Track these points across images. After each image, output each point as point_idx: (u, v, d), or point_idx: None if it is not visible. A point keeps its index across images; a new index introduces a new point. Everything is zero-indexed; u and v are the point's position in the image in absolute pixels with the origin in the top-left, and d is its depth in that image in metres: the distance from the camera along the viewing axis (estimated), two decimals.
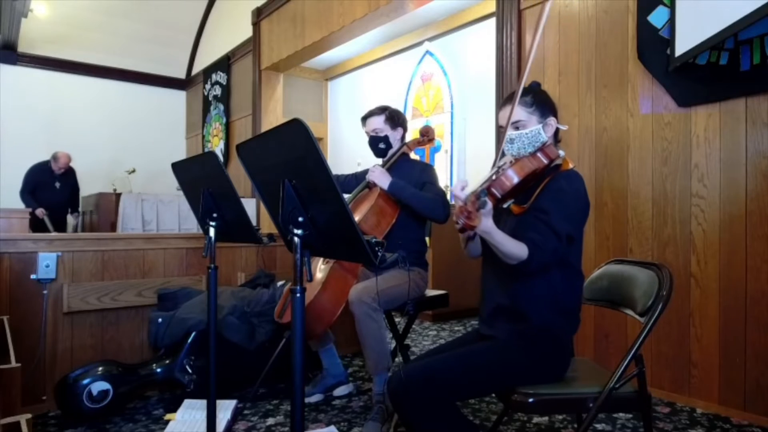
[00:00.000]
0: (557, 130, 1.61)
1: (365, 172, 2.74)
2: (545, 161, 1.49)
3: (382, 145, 2.56)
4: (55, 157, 5.89)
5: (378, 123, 2.55)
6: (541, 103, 1.58)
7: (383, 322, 2.26)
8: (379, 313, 2.22)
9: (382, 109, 2.58)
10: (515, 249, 1.37)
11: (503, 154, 1.57)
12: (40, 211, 5.65)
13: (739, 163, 2.35)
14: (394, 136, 2.57)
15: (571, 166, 1.55)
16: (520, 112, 1.55)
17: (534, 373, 1.46)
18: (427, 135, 2.63)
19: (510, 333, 1.52)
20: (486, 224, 1.32)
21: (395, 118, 2.57)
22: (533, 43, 1.43)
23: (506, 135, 1.54)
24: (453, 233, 1.72)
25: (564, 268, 1.51)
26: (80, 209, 6.21)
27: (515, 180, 1.43)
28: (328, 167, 1.02)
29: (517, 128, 1.55)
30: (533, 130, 1.54)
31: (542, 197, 1.47)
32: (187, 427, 2.19)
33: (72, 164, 6.04)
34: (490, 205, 1.32)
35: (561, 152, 1.54)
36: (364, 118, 2.61)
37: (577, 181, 1.51)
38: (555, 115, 1.59)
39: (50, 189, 5.91)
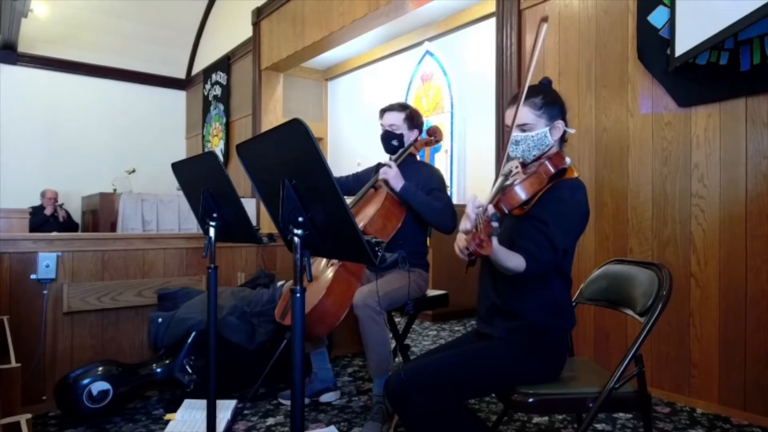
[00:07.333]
0: (564, 132, 1.57)
1: (366, 172, 2.73)
2: (552, 170, 1.46)
3: (395, 142, 2.52)
4: (42, 193, 6.49)
5: (396, 119, 2.52)
6: (551, 104, 1.53)
7: (385, 324, 2.25)
8: (382, 316, 2.21)
9: (403, 107, 2.55)
10: (513, 263, 1.33)
11: (508, 157, 1.55)
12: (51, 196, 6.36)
13: (739, 163, 2.35)
14: (409, 137, 2.54)
15: (576, 174, 1.51)
16: (528, 115, 1.51)
17: (531, 370, 1.46)
18: (434, 135, 2.58)
19: (506, 331, 1.52)
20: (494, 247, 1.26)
21: (414, 119, 2.54)
22: (533, 56, 1.41)
23: (511, 137, 1.51)
24: (453, 233, 1.71)
25: (555, 274, 1.50)
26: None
27: (524, 197, 1.42)
28: (328, 167, 1.01)
29: (523, 130, 1.51)
30: (539, 133, 1.51)
31: (543, 205, 1.44)
32: (187, 427, 2.19)
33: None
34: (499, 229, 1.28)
35: (568, 159, 1.50)
36: (383, 111, 2.56)
37: (580, 191, 1.48)
38: (564, 118, 1.56)
39: (49, 218, 6.40)
